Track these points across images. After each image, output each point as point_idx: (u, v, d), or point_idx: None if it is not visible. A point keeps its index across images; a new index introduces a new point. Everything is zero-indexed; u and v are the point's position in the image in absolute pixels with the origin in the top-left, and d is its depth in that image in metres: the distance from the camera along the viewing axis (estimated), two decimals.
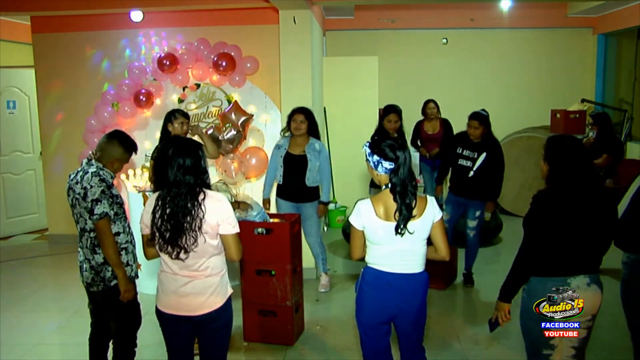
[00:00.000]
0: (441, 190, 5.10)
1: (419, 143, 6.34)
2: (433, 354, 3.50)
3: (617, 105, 7.62)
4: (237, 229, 2.52)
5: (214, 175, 5.45)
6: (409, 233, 2.53)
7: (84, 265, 2.90)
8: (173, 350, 2.67)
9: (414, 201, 2.53)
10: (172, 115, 4.20)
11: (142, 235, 2.58)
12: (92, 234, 2.83)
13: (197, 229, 2.44)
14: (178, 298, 2.53)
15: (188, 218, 2.43)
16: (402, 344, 2.74)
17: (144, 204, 4.65)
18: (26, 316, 4.52)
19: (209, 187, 2.55)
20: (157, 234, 2.48)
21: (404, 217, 2.51)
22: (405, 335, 2.70)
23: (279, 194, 4.74)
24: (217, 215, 2.47)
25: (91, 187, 2.77)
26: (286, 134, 4.72)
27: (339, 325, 4.19)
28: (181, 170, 2.44)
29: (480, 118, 4.56)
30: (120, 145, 2.91)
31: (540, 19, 7.68)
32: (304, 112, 4.63)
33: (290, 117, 4.63)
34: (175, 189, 2.45)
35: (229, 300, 2.61)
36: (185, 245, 2.45)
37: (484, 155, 4.59)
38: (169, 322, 2.60)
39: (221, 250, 2.56)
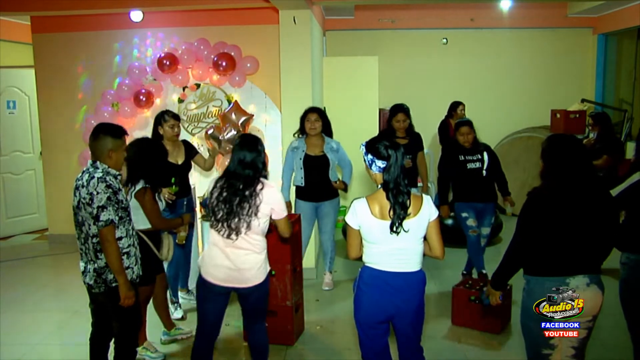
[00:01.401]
0: (448, 210, 4.81)
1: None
2: (432, 353, 3.50)
3: (617, 105, 7.62)
4: (286, 213, 2.96)
5: (214, 175, 5.45)
6: (404, 231, 2.54)
7: (88, 267, 2.88)
8: (208, 318, 2.96)
9: (408, 200, 2.55)
10: (161, 118, 4.15)
11: None
12: (95, 239, 2.81)
13: (252, 214, 2.80)
14: (230, 272, 2.85)
15: (244, 204, 2.79)
16: (401, 343, 2.74)
17: None
18: (26, 316, 4.52)
19: (265, 177, 2.92)
20: (210, 213, 2.85)
21: (398, 216, 2.52)
22: (404, 334, 2.70)
23: (298, 196, 4.73)
24: (271, 203, 2.86)
25: (97, 193, 2.74)
26: (301, 136, 4.70)
27: (339, 325, 4.19)
28: (242, 165, 2.82)
29: (469, 123, 4.67)
30: (105, 135, 2.86)
31: (540, 19, 7.67)
32: (317, 111, 4.63)
33: (304, 117, 4.62)
34: (233, 179, 2.82)
35: (269, 274, 3.00)
36: (239, 229, 2.80)
37: (486, 154, 4.66)
38: (213, 292, 2.90)
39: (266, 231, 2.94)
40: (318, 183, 4.63)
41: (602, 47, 7.73)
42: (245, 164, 2.82)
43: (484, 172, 4.62)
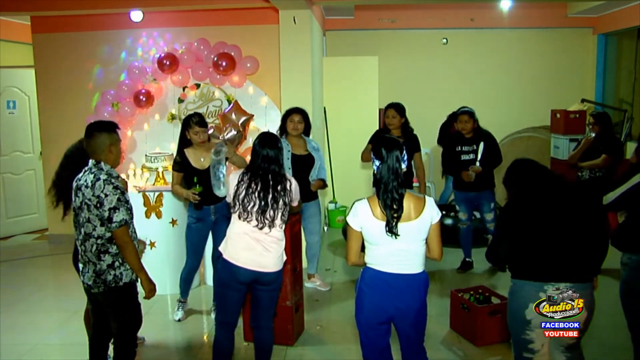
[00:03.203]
0: (467, 175, 4.90)
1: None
2: (434, 354, 3.50)
3: (617, 105, 7.61)
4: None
5: None
6: (399, 234, 2.54)
7: (88, 267, 2.87)
8: (229, 307, 3.05)
9: (396, 201, 2.53)
10: (187, 124, 4.02)
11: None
12: (99, 241, 2.79)
13: (286, 211, 3.00)
14: (257, 257, 2.97)
15: (278, 199, 2.94)
16: (403, 344, 2.74)
17: (144, 204, 4.67)
18: (26, 316, 4.51)
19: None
20: (239, 205, 2.94)
21: (391, 217, 2.52)
22: (406, 335, 2.70)
23: None
24: (298, 197, 3.12)
25: (106, 195, 2.72)
26: (282, 136, 4.67)
27: (339, 325, 4.19)
28: (266, 161, 2.95)
29: (468, 112, 4.91)
30: (100, 132, 2.82)
31: (540, 19, 7.66)
32: (301, 113, 4.59)
33: (287, 117, 4.58)
34: (261, 174, 2.95)
35: (284, 265, 3.15)
36: (274, 221, 2.95)
37: (482, 144, 4.86)
38: (236, 280, 2.98)
39: None
40: (303, 182, 4.59)
41: (602, 47, 7.72)
42: (270, 160, 2.96)
43: (477, 163, 4.86)
